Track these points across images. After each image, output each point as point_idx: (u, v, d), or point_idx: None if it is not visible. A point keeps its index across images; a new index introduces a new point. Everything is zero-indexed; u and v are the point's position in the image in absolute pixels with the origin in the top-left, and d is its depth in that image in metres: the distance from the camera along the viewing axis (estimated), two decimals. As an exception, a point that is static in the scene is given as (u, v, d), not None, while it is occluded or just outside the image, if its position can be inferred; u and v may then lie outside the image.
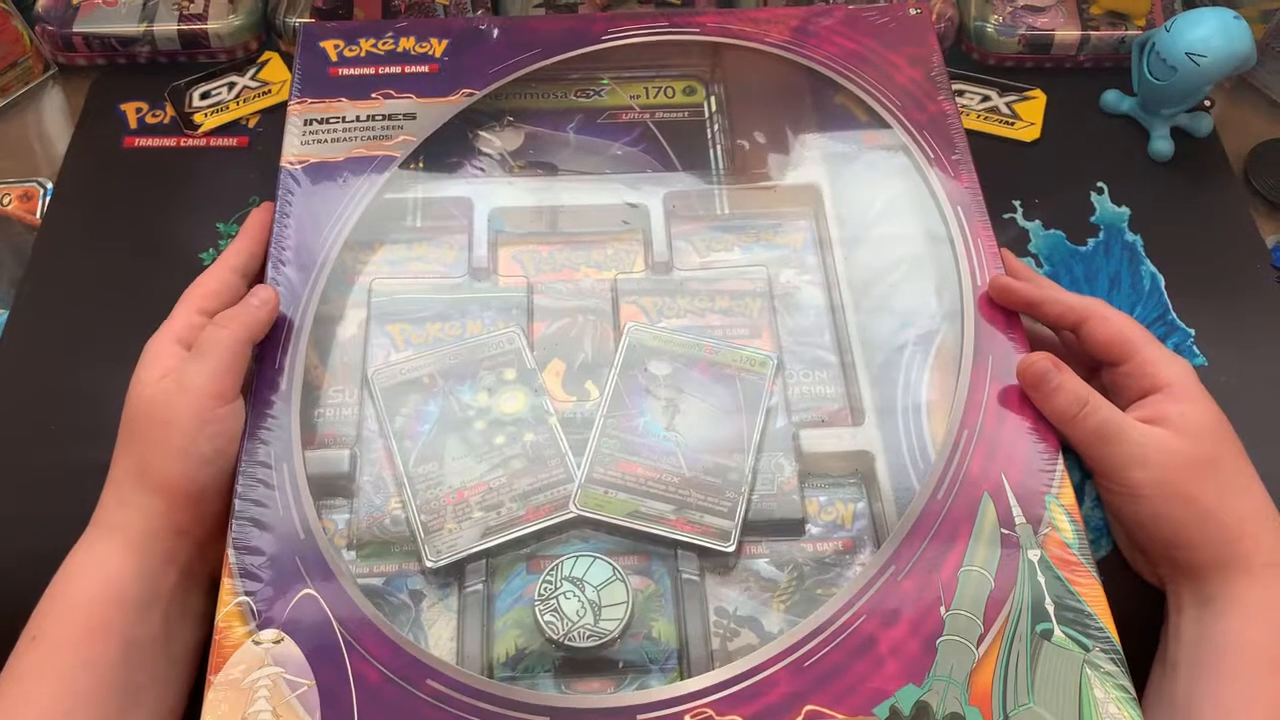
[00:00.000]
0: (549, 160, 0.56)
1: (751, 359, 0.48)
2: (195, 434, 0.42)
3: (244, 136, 0.63)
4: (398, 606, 0.42)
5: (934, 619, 0.39)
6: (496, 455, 0.45)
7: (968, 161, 0.52)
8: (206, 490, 0.42)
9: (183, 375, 0.43)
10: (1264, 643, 0.39)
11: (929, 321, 0.48)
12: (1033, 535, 0.41)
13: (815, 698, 0.38)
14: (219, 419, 0.43)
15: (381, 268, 0.51)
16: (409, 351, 0.48)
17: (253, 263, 0.49)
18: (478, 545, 0.43)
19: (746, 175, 0.55)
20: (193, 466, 0.42)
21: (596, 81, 0.58)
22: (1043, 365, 0.44)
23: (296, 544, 0.41)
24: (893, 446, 0.45)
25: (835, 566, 0.43)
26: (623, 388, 0.47)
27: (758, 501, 0.44)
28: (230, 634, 0.39)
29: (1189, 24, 0.57)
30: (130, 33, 0.65)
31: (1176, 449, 0.41)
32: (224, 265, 0.48)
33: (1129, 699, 0.38)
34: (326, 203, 0.51)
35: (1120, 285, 0.57)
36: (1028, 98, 0.64)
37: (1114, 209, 0.60)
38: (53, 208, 0.60)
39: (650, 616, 0.42)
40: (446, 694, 0.38)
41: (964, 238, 0.50)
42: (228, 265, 0.48)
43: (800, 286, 0.51)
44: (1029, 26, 0.65)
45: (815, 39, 0.57)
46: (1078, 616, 0.39)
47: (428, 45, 0.57)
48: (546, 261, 0.52)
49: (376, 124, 0.54)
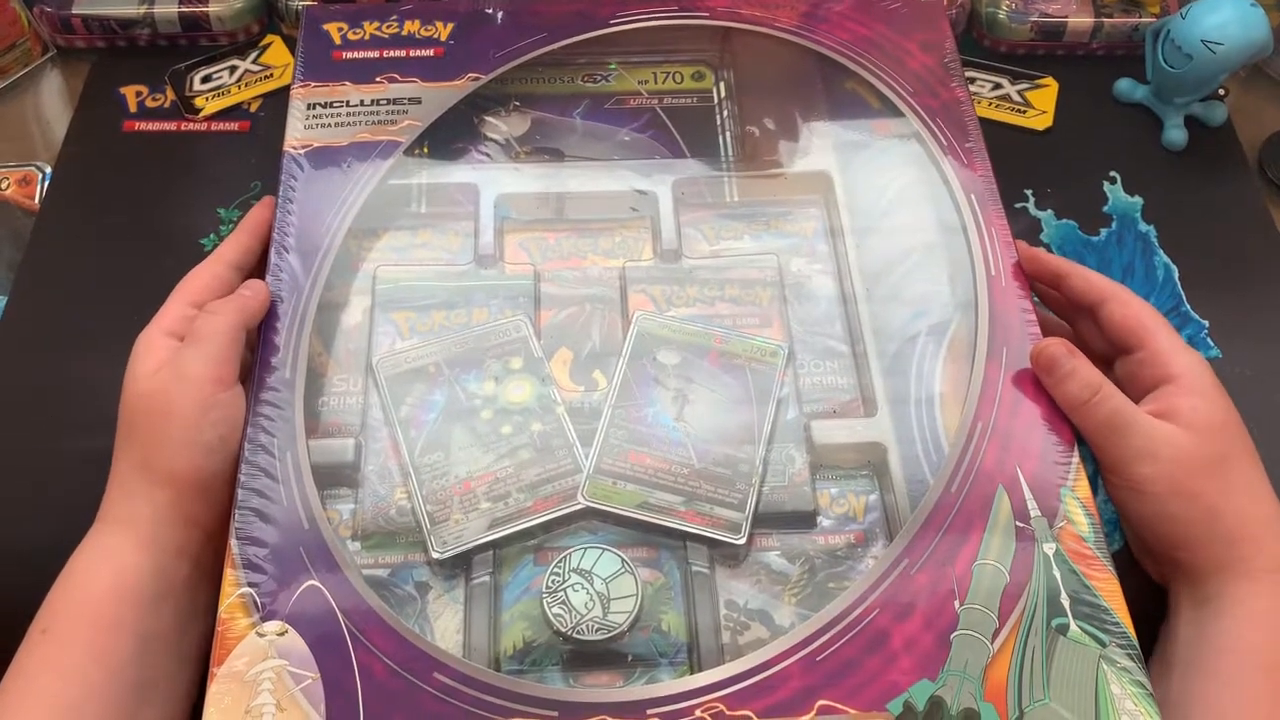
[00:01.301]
0: (556, 146, 0.55)
1: (762, 349, 0.47)
2: (198, 422, 0.41)
3: (245, 121, 0.62)
4: (403, 598, 0.41)
5: (948, 613, 0.39)
6: (503, 445, 0.44)
7: (981, 149, 0.51)
8: (214, 479, 0.42)
9: (179, 364, 0.42)
10: (1259, 646, 0.39)
11: (942, 312, 0.47)
12: (1048, 528, 0.40)
13: (828, 693, 0.37)
14: (220, 405, 0.42)
15: (386, 254, 0.51)
16: (414, 340, 0.48)
17: (248, 258, 0.48)
18: (485, 536, 0.42)
19: (756, 162, 0.54)
20: (198, 455, 0.41)
21: (604, 66, 0.57)
22: (1057, 350, 0.43)
23: (300, 534, 0.41)
24: (905, 438, 0.44)
25: (847, 559, 0.43)
26: (631, 377, 0.46)
27: (768, 493, 0.44)
28: (233, 626, 0.38)
29: (1205, 11, 0.57)
30: (130, 15, 0.64)
31: (1185, 445, 0.41)
32: (218, 259, 0.47)
33: (1145, 695, 0.37)
34: (330, 188, 0.50)
35: (1133, 276, 0.57)
36: (1040, 86, 0.64)
37: (1127, 199, 0.59)
38: (51, 192, 0.59)
39: (660, 609, 0.41)
40: (453, 687, 0.37)
41: (978, 227, 0.49)
42: (222, 259, 0.47)
43: (811, 275, 0.50)
44: (1041, 13, 0.64)
45: (826, 24, 0.56)
46: (1094, 611, 0.39)
47: (433, 28, 0.56)
48: (553, 249, 0.51)
49: (381, 108, 0.53)
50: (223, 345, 0.43)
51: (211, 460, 0.42)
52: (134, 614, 0.39)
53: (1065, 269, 0.47)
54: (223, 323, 0.43)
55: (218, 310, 0.44)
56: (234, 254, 0.48)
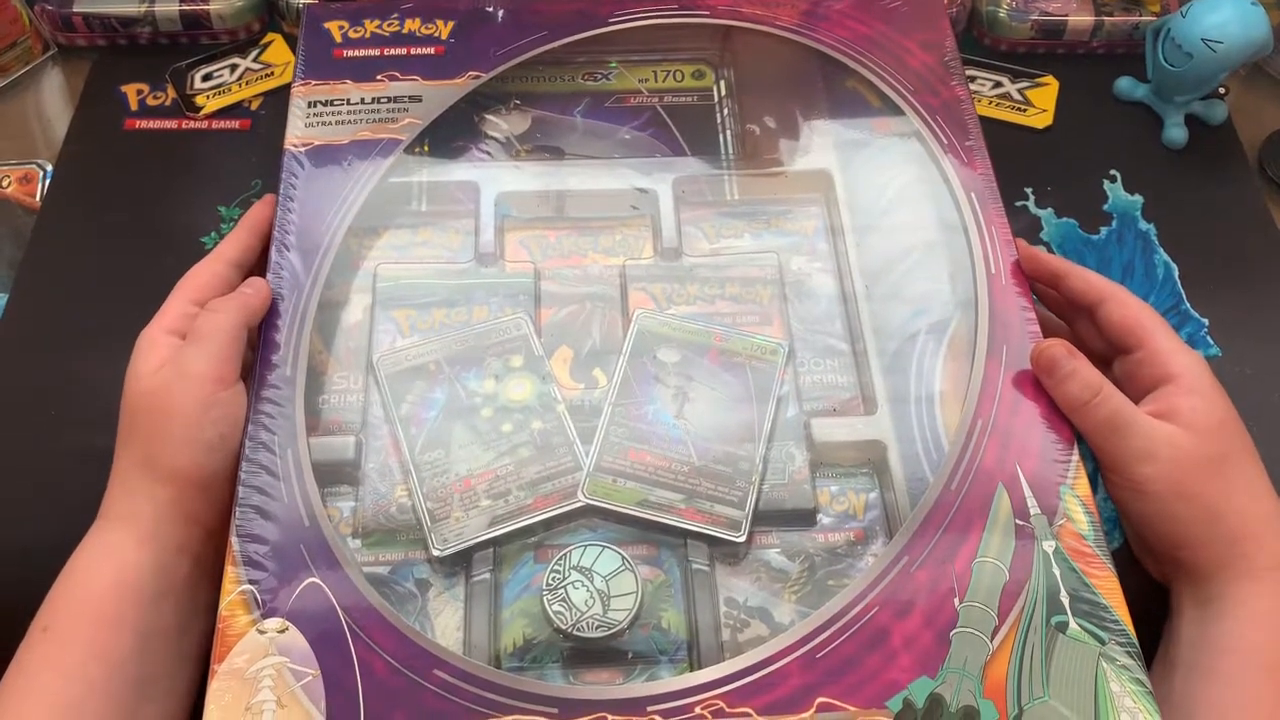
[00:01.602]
0: (556, 144, 0.55)
1: (762, 347, 0.47)
2: (199, 420, 0.41)
3: (246, 119, 0.62)
4: (404, 595, 0.42)
5: (948, 611, 0.39)
6: (504, 443, 0.44)
7: (982, 148, 0.51)
8: (215, 477, 0.42)
9: (181, 362, 0.42)
10: (1262, 646, 0.39)
11: (942, 310, 0.47)
12: (1048, 526, 0.40)
13: (827, 690, 0.37)
14: (221, 403, 0.42)
15: (386, 252, 0.51)
16: (415, 337, 0.48)
17: (249, 256, 0.48)
18: (485, 534, 0.42)
19: (757, 161, 0.54)
20: (199, 453, 0.41)
21: (604, 64, 0.57)
22: (1057, 350, 0.43)
23: (301, 532, 0.41)
24: (905, 436, 0.44)
25: (847, 557, 0.43)
26: (631, 375, 0.46)
27: (768, 491, 0.44)
28: (234, 623, 0.38)
29: (1205, 9, 0.57)
30: (131, 13, 0.64)
31: (1184, 445, 0.41)
32: (218, 257, 0.47)
33: (1145, 693, 0.37)
34: (330, 186, 0.50)
35: (1133, 274, 0.57)
36: (1040, 84, 0.64)
37: (1127, 197, 0.59)
38: (52, 190, 0.59)
39: (660, 607, 0.41)
40: (453, 684, 0.37)
41: (978, 225, 0.49)
42: (223, 257, 0.47)
43: (811, 273, 0.50)
44: (1041, 12, 0.64)
45: (826, 22, 0.56)
46: (1093, 609, 0.39)
47: (433, 27, 0.56)
48: (554, 247, 0.51)
49: (381, 106, 0.53)
50: (224, 343, 0.43)
51: (212, 458, 0.42)
52: (135, 611, 0.39)
53: (1064, 269, 0.46)
54: (224, 321, 0.43)
55: (219, 308, 0.44)
56: (235, 252, 0.48)
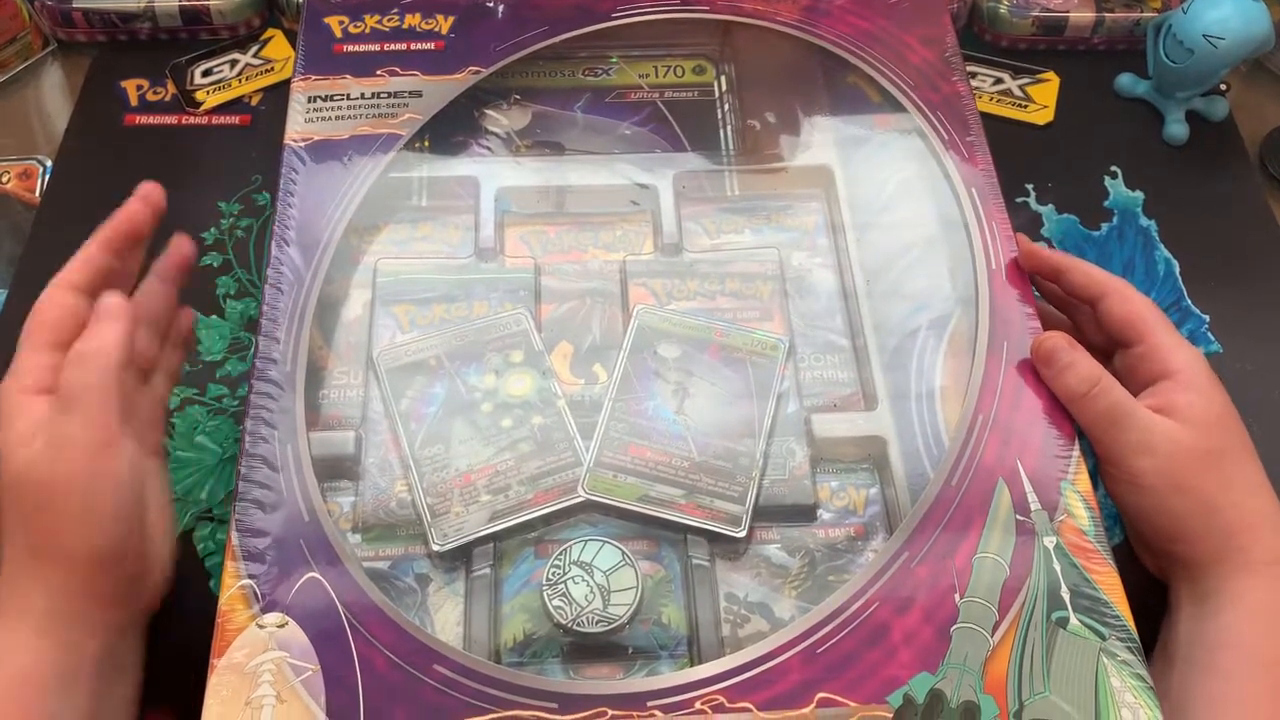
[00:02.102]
0: (556, 140, 0.55)
1: (762, 342, 0.47)
2: (88, 495, 0.37)
3: (246, 114, 0.62)
4: (404, 590, 0.41)
5: (948, 606, 0.39)
6: (504, 438, 0.44)
7: (982, 144, 0.51)
8: (118, 549, 0.38)
9: (54, 433, 0.37)
10: (1259, 640, 0.39)
11: (943, 306, 0.47)
12: (1048, 522, 0.40)
13: (828, 685, 0.37)
14: (111, 472, 0.37)
15: (386, 248, 0.51)
16: (415, 333, 0.48)
17: (97, 277, 0.41)
18: (485, 529, 0.42)
19: (757, 156, 0.54)
20: (93, 532, 0.37)
21: (605, 60, 0.57)
22: (1056, 342, 0.43)
23: (301, 526, 0.41)
24: (906, 432, 0.44)
25: (847, 553, 0.43)
26: (632, 371, 0.46)
27: (769, 487, 0.44)
28: (234, 617, 0.38)
29: (1206, 6, 0.57)
30: (131, 8, 0.64)
31: (1182, 439, 0.41)
32: (60, 285, 0.40)
33: (1146, 688, 0.37)
34: (330, 181, 0.50)
35: (1134, 271, 0.57)
36: (1041, 80, 0.64)
37: (1128, 193, 0.59)
38: (52, 186, 0.59)
39: (660, 602, 0.41)
40: (453, 679, 0.37)
41: (979, 221, 0.49)
42: (65, 283, 0.40)
43: (812, 269, 0.50)
44: (1042, 8, 0.64)
45: (827, 18, 0.56)
46: (1094, 604, 0.39)
47: (433, 22, 0.56)
48: (554, 243, 0.51)
49: (381, 102, 0.53)
50: (98, 401, 0.37)
51: (114, 530, 0.37)
52: (40, 705, 0.36)
53: (1065, 264, 0.46)
54: (93, 377, 0.37)
55: (83, 361, 0.38)
56: (80, 276, 0.40)
